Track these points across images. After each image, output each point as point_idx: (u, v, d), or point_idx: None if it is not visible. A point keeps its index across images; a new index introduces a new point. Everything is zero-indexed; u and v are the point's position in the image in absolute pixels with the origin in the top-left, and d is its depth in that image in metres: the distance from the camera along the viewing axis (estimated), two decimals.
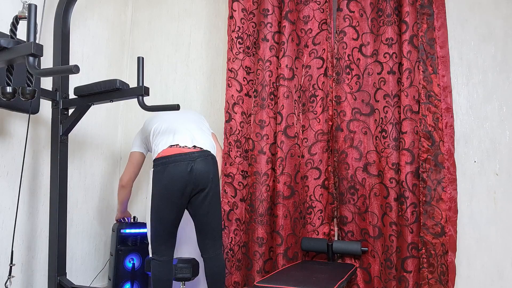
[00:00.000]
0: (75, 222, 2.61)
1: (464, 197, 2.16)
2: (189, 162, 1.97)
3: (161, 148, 2.03)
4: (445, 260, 2.05)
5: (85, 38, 2.73)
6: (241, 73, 2.51)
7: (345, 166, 2.29)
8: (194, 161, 1.98)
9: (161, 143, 2.06)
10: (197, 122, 2.23)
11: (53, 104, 2.20)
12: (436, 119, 2.13)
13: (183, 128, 2.12)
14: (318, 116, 2.36)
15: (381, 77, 2.27)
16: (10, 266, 1.79)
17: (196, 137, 2.10)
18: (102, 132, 2.87)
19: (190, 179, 1.97)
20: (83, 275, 2.66)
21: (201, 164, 2.00)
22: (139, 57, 1.98)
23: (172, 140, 2.05)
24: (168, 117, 2.21)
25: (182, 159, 1.97)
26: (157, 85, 3.00)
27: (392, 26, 2.26)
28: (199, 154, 2.01)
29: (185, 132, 2.10)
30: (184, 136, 2.08)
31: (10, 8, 2.17)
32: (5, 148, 2.14)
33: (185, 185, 1.96)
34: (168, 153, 1.99)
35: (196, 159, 1.99)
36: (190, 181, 1.97)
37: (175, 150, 2.00)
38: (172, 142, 2.04)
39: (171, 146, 2.03)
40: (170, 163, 1.96)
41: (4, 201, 2.12)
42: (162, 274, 1.97)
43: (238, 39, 2.53)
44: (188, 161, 1.97)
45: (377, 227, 2.21)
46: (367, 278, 2.22)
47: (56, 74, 1.39)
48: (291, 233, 2.33)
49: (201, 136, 2.13)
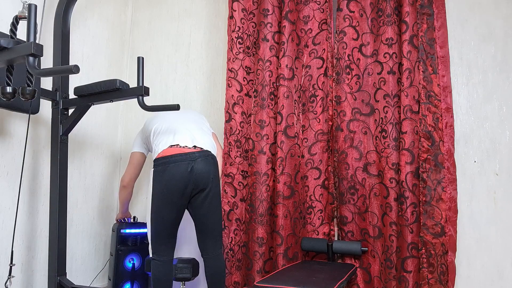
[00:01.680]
0: (75, 222, 2.61)
1: (464, 197, 2.16)
2: (189, 162, 1.97)
3: (161, 148, 2.03)
4: (445, 260, 2.05)
5: (85, 38, 2.73)
6: (241, 73, 2.51)
7: (345, 166, 2.29)
8: (194, 161, 1.98)
9: (162, 143, 2.06)
10: (198, 122, 2.23)
11: (53, 104, 2.19)
12: (436, 119, 2.13)
13: (183, 128, 2.12)
14: (318, 116, 2.36)
15: (381, 77, 2.27)
16: (10, 266, 1.79)
17: (197, 137, 2.10)
18: (102, 132, 2.87)
19: (191, 179, 1.96)
20: (83, 275, 2.66)
21: (201, 164, 1.99)
22: (139, 57, 1.98)
23: (172, 140, 2.05)
24: (168, 117, 2.21)
25: (182, 159, 1.96)
26: (157, 85, 3.00)
27: (392, 26, 2.26)
28: (200, 154, 2.01)
29: (185, 132, 2.10)
30: (185, 136, 2.08)
31: (10, 8, 2.17)
32: (5, 148, 2.14)
33: (185, 185, 1.96)
34: (168, 153, 1.99)
35: (197, 159, 1.99)
36: (191, 181, 1.96)
37: (175, 150, 2.00)
38: (172, 142, 2.04)
39: (171, 146, 2.02)
40: (170, 163, 1.96)
41: (4, 201, 2.12)
42: (162, 274, 1.97)
43: (238, 39, 2.53)
44: (188, 161, 1.97)
45: (377, 227, 2.21)
46: (367, 278, 2.22)
47: (56, 74, 1.39)
48: (291, 233, 2.33)
49: (202, 136, 2.13)
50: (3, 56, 1.44)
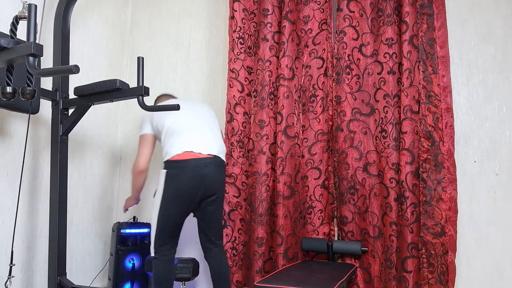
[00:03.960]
0: (75, 222, 2.61)
1: (464, 197, 2.16)
2: (202, 168, 1.99)
3: (175, 152, 2.01)
4: (445, 260, 2.05)
5: (85, 38, 2.73)
6: (242, 73, 2.51)
7: (345, 166, 2.29)
8: (207, 168, 2.00)
9: (175, 146, 2.04)
10: (209, 121, 2.19)
11: (53, 104, 2.19)
12: (436, 119, 2.13)
13: (197, 132, 2.10)
14: (318, 116, 2.36)
15: (381, 77, 2.27)
16: (10, 266, 1.79)
17: (210, 143, 2.09)
18: (102, 132, 2.87)
19: (202, 185, 2.00)
20: (83, 275, 2.66)
21: (213, 171, 2.02)
22: (139, 57, 1.98)
23: (186, 146, 2.03)
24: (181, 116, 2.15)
25: (196, 164, 1.99)
26: (157, 85, 3.00)
27: (392, 26, 2.26)
28: (212, 161, 2.03)
29: (199, 136, 2.08)
30: (198, 141, 2.07)
31: (10, 8, 2.17)
32: (5, 148, 2.14)
33: (197, 191, 1.99)
34: (182, 157, 1.99)
35: (209, 165, 2.01)
36: (202, 187, 2.00)
37: (189, 155, 2.01)
38: (186, 148, 2.02)
39: (185, 151, 2.02)
40: (184, 167, 1.97)
41: (4, 201, 2.12)
42: (163, 273, 1.98)
43: (239, 39, 2.53)
44: (201, 167, 1.99)
45: (377, 227, 2.21)
46: (367, 278, 2.22)
47: (56, 74, 1.39)
48: (291, 233, 2.32)
49: (214, 141, 2.12)
50: (3, 56, 1.44)
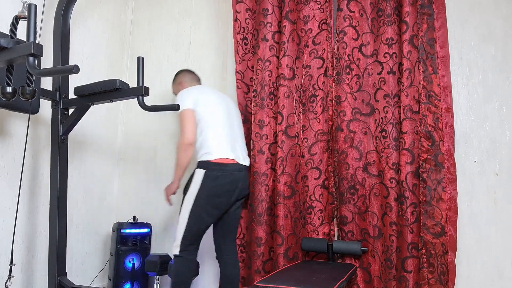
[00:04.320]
0: (75, 222, 2.61)
1: (464, 197, 2.16)
2: (239, 173, 2.11)
3: (219, 156, 2.07)
4: (445, 260, 2.05)
5: (85, 38, 2.73)
6: (247, 74, 2.55)
7: (345, 166, 2.28)
8: (241, 173, 2.13)
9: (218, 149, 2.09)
10: (239, 126, 2.30)
11: (53, 104, 2.19)
12: (436, 119, 2.13)
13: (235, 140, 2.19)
14: (318, 116, 2.35)
15: (381, 77, 2.27)
16: (10, 266, 1.79)
17: (243, 152, 2.23)
18: (102, 132, 2.87)
19: (236, 190, 2.11)
20: (83, 275, 2.66)
21: (245, 178, 2.16)
22: (139, 57, 1.98)
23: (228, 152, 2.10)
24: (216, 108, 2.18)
25: (235, 169, 2.09)
26: (157, 85, 3.00)
27: (392, 26, 2.26)
28: (245, 168, 2.18)
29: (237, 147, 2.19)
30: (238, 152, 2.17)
31: (10, 8, 2.17)
32: (5, 148, 2.14)
33: (231, 196, 2.09)
34: (224, 161, 2.07)
35: (243, 170, 2.15)
36: (236, 192, 2.11)
37: (230, 161, 2.09)
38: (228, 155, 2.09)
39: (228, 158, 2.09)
40: (224, 170, 2.05)
41: (4, 201, 2.12)
42: (185, 273, 2.02)
43: (243, 40, 2.54)
44: (238, 172, 2.11)
45: (377, 227, 2.21)
46: (367, 278, 2.22)
47: (56, 74, 1.39)
48: (291, 233, 2.32)
49: (244, 149, 2.27)
50: (3, 56, 1.44)
